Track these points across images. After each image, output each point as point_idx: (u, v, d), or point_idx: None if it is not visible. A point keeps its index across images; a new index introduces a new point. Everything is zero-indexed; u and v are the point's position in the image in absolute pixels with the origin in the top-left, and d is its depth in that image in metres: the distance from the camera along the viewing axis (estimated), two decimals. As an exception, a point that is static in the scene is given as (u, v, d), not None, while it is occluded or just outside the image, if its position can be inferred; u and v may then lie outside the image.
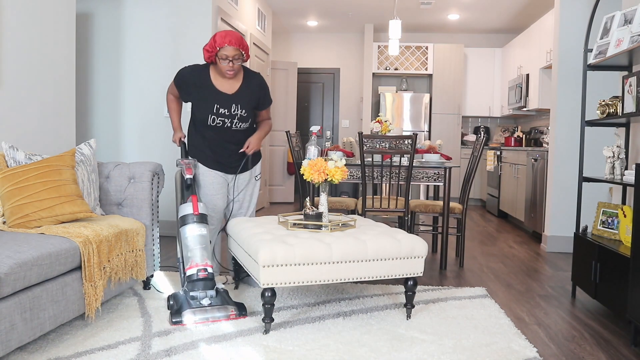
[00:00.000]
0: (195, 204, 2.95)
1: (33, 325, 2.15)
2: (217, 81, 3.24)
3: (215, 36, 3.10)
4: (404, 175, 4.03)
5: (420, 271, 2.81)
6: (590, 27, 3.45)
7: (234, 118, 3.25)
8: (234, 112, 3.24)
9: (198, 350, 2.37)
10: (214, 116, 3.22)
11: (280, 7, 7.57)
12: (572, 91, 4.82)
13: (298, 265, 2.57)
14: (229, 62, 3.10)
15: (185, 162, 3.23)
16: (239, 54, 3.12)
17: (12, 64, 3.19)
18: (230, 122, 3.26)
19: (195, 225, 2.90)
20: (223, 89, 3.24)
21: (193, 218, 2.92)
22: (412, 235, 2.85)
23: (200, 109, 3.23)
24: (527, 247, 5.09)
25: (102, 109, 5.27)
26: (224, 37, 3.06)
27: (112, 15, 5.19)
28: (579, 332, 2.78)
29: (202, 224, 2.92)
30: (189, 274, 2.79)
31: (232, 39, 3.07)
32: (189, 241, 2.87)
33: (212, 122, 3.24)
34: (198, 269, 2.79)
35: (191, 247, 2.85)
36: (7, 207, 2.58)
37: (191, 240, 2.87)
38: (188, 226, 2.90)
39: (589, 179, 3.36)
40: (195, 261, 2.82)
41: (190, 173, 3.19)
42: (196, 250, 2.84)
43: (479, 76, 8.72)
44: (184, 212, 2.95)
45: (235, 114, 3.25)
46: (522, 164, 6.13)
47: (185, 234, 2.89)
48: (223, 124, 3.25)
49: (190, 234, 2.88)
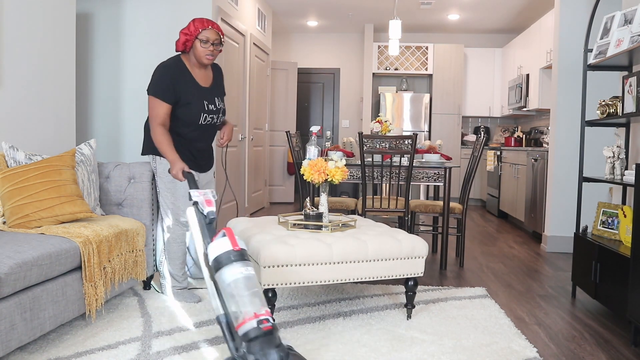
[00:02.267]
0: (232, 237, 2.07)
1: (33, 325, 2.15)
2: (194, 74, 3.02)
3: (194, 20, 2.93)
4: (404, 175, 4.02)
5: (420, 271, 2.82)
6: (590, 27, 3.45)
7: (219, 112, 3.10)
8: (219, 106, 3.09)
9: (198, 350, 2.37)
10: (205, 114, 3.01)
11: (280, 7, 7.56)
12: (572, 91, 4.82)
13: (299, 266, 2.57)
14: (210, 45, 2.92)
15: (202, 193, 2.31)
16: (219, 40, 2.96)
17: (12, 64, 3.19)
18: (217, 117, 3.09)
19: (238, 264, 1.99)
20: (202, 82, 3.04)
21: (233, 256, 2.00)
22: (413, 235, 2.86)
23: (192, 110, 2.97)
24: (527, 247, 5.09)
25: (102, 109, 5.27)
26: (206, 20, 2.93)
27: (112, 15, 5.19)
28: (579, 332, 2.78)
29: (246, 263, 2.02)
30: (245, 330, 1.88)
31: (214, 23, 2.95)
32: (233, 288, 1.95)
33: (203, 120, 3.01)
34: (258, 320, 1.90)
35: (239, 295, 1.95)
36: (7, 207, 2.58)
37: (236, 286, 1.96)
38: (227, 268, 1.98)
39: (589, 179, 3.36)
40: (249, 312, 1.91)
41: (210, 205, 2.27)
42: (246, 297, 1.94)
43: (479, 76, 8.72)
44: (218, 251, 2.03)
45: (220, 108, 3.10)
46: (522, 164, 6.13)
47: (226, 280, 1.97)
48: (212, 121, 3.07)
49: (233, 278, 1.97)
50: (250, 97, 6.42)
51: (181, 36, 2.94)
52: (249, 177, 6.50)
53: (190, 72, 2.99)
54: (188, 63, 3.00)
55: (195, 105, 2.96)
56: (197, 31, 2.89)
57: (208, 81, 3.08)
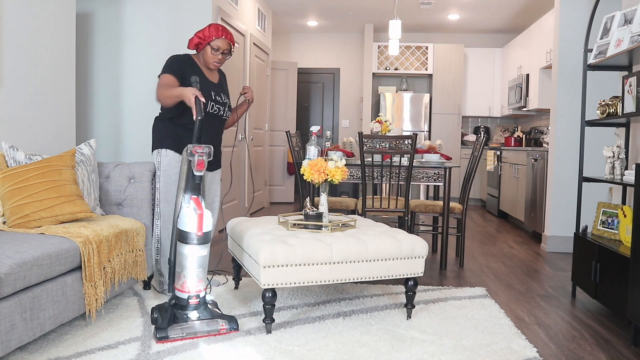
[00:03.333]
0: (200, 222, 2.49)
1: (33, 325, 2.15)
2: (203, 69, 3.19)
3: (211, 26, 3.07)
4: (404, 175, 4.02)
5: (420, 271, 2.82)
6: (590, 27, 3.45)
7: (225, 106, 3.23)
8: (224, 100, 3.23)
9: (198, 350, 2.37)
10: (212, 102, 3.12)
11: (280, 7, 7.56)
12: (572, 91, 4.82)
13: (299, 266, 2.57)
14: (220, 53, 3.09)
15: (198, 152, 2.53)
16: (229, 49, 3.12)
17: (12, 64, 3.19)
18: (223, 110, 3.21)
19: (197, 247, 2.51)
20: (210, 78, 3.21)
21: (196, 239, 2.50)
22: (413, 235, 2.85)
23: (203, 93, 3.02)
24: (527, 247, 5.09)
25: (102, 109, 5.27)
26: (222, 29, 3.07)
27: (112, 15, 5.19)
28: (579, 332, 2.78)
29: (205, 245, 2.54)
30: (179, 296, 2.54)
31: (229, 33, 3.09)
32: (186, 261, 2.52)
33: (210, 108, 3.12)
34: (189, 296, 2.53)
35: (187, 268, 2.52)
36: (7, 207, 2.58)
37: (190, 262, 2.52)
38: (189, 246, 2.51)
39: (589, 179, 3.36)
40: (187, 286, 2.53)
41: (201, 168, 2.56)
42: (193, 274, 2.53)
43: (479, 76, 8.72)
44: (186, 227, 2.50)
45: (226, 102, 3.24)
46: (522, 164, 6.13)
47: (184, 252, 2.53)
48: (219, 111, 3.18)
49: (190, 255, 2.52)
50: (250, 97, 6.41)
51: (195, 37, 3.08)
52: (248, 177, 6.50)
53: (200, 67, 3.17)
54: (197, 62, 3.19)
55: (202, 92, 2.99)
56: (210, 38, 3.05)
57: (215, 78, 3.25)
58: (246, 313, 2.88)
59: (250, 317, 2.81)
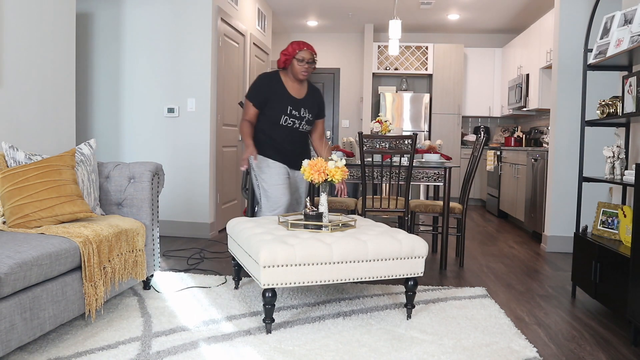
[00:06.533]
0: None
1: (33, 325, 2.15)
2: (288, 85, 3.53)
3: (292, 43, 3.46)
4: (404, 175, 4.02)
5: (420, 271, 2.81)
6: (590, 27, 3.45)
7: (302, 120, 3.54)
8: (303, 114, 3.53)
9: (198, 350, 2.37)
10: (286, 117, 3.48)
11: (280, 7, 7.56)
12: (572, 91, 4.82)
13: (299, 266, 2.57)
14: (306, 63, 3.44)
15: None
16: (313, 58, 3.48)
17: (12, 64, 3.19)
18: (299, 123, 3.53)
19: None
20: (294, 93, 3.53)
21: None
22: (413, 235, 2.85)
23: (275, 110, 3.47)
24: (527, 247, 5.09)
25: (102, 109, 5.27)
26: (302, 42, 3.47)
27: (112, 15, 5.19)
28: (579, 332, 2.78)
29: None
30: None
31: (309, 45, 3.48)
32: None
33: (284, 122, 3.49)
34: None
35: None
36: (7, 207, 2.58)
37: None
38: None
39: (589, 179, 3.36)
40: None
41: None
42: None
43: (479, 76, 8.72)
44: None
45: (304, 117, 3.54)
46: (522, 164, 6.13)
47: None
48: (293, 124, 3.52)
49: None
50: (250, 97, 6.41)
51: (281, 56, 3.50)
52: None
53: (284, 84, 3.52)
54: (284, 77, 3.55)
55: (278, 108, 3.48)
56: (294, 52, 3.45)
57: (300, 94, 3.56)
58: (246, 313, 2.88)
59: (250, 317, 2.81)
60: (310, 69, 3.49)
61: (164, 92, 5.13)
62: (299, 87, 3.57)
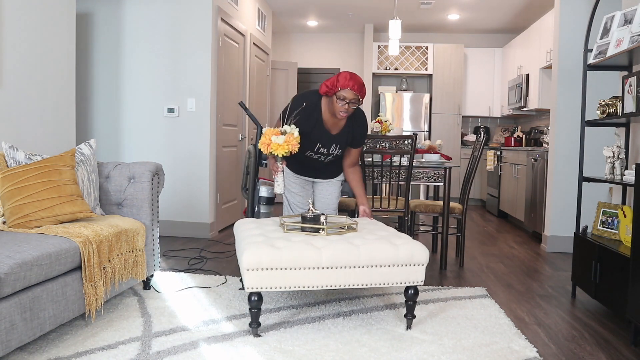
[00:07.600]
0: None
1: (33, 325, 2.15)
2: (326, 116, 3.22)
3: (339, 75, 3.08)
4: (404, 175, 4.02)
5: (420, 279, 2.62)
6: (590, 27, 3.45)
7: (329, 155, 3.32)
8: (332, 151, 3.30)
9: (198, 350, 2.37)
10: (312, 153, 3.29)
11: (280, 7, 7.56)
12: (572, 91, 4.82)
13: (285, 270, 2.47)
14: (346, 104, 3.07)
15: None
16: (356, 99, 3.09)
17: (12, 64, 3.19)
18: (325, 158, 3.33)
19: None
20: (329, 126, 3.24)
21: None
22: (413, 240, 2.66)
23: (303, 144, 3.21)
24: (527, 247, 5.09)
25: (102, 109, 5.27)
26: (349, 80, 3.05)
27: (112, 15, 5.19)
28: (579, 332, 2.78)
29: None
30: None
31: (356, 84, 3.06)
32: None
33: (309, 154, 3.30)
34: None
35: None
36: (7, 207, 2.58)
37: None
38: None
39: (589, 179, 3.36)
40: None
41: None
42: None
43: (479, 76, 8.72)
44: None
45: (332, 153, 3.31)
46: (522, 164, 6.13)
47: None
48: (319, 158, 3.33)
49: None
50: (250, 97, 6.42)
51: (323, 85, 3.13)
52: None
53: (322, 115, 3.21)
54: (324, 106, 3.21)
55: (308, 142, 3.22)
56: (336, 88, 3.07)
57: (336, 128, 3.26)
58: (246, 313, 2.88)
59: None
60: (351, 110, 3.11)
61: (164, 92, 5.13)
62: (337, 119, 3.23)
